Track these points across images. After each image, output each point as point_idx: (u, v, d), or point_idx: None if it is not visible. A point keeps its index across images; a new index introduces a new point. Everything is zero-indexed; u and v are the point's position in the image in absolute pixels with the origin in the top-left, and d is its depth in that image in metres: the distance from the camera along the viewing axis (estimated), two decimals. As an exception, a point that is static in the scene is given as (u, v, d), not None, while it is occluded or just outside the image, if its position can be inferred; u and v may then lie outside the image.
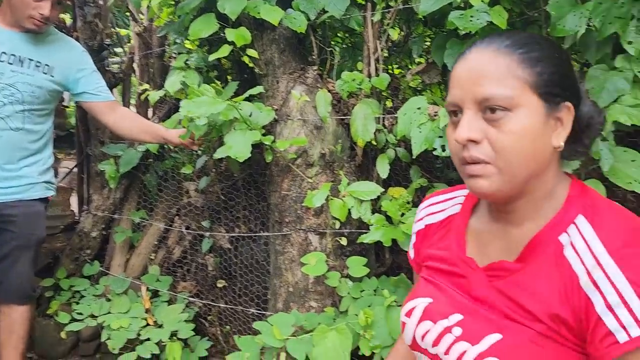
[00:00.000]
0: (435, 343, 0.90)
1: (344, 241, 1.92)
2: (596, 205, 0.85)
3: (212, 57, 1.98)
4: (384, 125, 1.99)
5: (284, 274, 2.08)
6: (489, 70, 0.81)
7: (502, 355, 0.80)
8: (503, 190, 0.82)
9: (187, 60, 2.27)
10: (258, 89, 1.89)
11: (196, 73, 2.23)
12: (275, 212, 2.11)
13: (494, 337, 0.82)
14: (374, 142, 2.00)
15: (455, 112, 0.86)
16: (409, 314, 0.98)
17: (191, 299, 2.55)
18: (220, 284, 2.56)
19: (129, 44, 3.43)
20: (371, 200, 1.89)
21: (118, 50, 3.46)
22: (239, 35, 1.95)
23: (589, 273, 0.78)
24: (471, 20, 1.62)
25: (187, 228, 2.65)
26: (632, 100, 1.52)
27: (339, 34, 2.47)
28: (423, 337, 0.92)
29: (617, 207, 0.85)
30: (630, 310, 0.73)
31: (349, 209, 1.87)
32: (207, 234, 2.50)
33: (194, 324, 2.46)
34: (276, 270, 2.12)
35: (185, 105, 1.84)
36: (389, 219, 1.87)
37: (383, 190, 1.91)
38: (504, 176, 0.81)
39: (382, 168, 1.94)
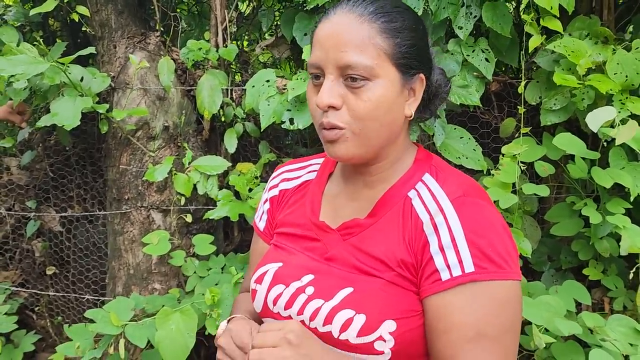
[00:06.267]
0: (289, 305, 0.90)
1: (189, 218, 1.82)
2: (440, 165, 0.93)
3: (33, 12, 1.73)
4: (231, 98, 1.92)
5: (124, 255, 1.92)
6: (352, 37, 0.82)
7: (355, 306, 0.83)
8: (358, 154, 0.86)
9: (3, 14, 1.97)
10: (89, 49, 1.69)
11: (15, 30, 1.94)
12: (113, 188, 1.93)
13: (346, 291, 0.85)
14: (222, 117, 1.92)
15: (317, 75, 0.87)
16: (259, 280, 0.97)
17: (14, 288, 2.25)
18: (50, 270, 2.29)
19: None
20: (218, 175, 1.82)
21: None
22: (68, -11, 1.73)
23: (431, 218, 0.84)
24: (318, -6, 1.62)
25: (9, 210, 2.33)
26: (461, 82, 1.64)
27: (184, 0, 2.33)
28: (275, 301, 0.92)
29: (457, 169, 0.94)
30: (457, 252, 0.80)
31: (195, 184, 1.78)
32: (33, 215, 2.22)
33: (19, 316, 2.18)
34: (115, 251, 1.95)
35: (-3, 63, 1.58)
36: (237, 194, 1.82)
37: (230, 164, 1.85)
38: (359, 141, 0.85)
39: (230, 143, 1.87)
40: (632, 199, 1.41)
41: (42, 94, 1.78)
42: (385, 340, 0.80)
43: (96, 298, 2.07)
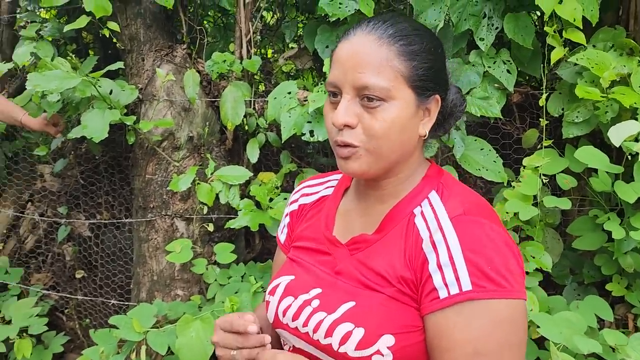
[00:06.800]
0: (296, 317, 0.92)
1: (211, 227, 1.86)
2: (447, 183, 0.93)
3: (67, 28, 1.80)
4: (254, 109, 1.95)
5: (148, 262, 1.97)
6: (370, 58, 0.84)
7: (355, 320, 0.85)
8: (370, 171, 0.88)
9: (40, 30, 2.05)
10: (118, 64, 1.75)
11: (50, 45, 2.02)
12: (139, 197, 1.99)
13: (347, 305, 0.87)
14: (245, 127, 1.96)
15: (335, 93, 0.89)
16: (272, 292, 1.00)
17: (45, 291, 2.33)
18: (79, 274, 2.37)
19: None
20: (240, 185, 1.85)
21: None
22: (99, 6, 1.78)
23: (431, 235, 0.85)
24: (340, 7, 1.64)
25: (42, 215, 2.42)
26: (482, 93, 1.64)
27: (210, 13, 2.38)
28: (285, 312, 0.95)
29: (466, 187, 0.94)
30: (455, 270, 0.80)
31: (217, 194, 1.82)
32: (64, 221, 2.30)
33: (49, 318, 2.26)
34: (140, 258, 2.00)
35: (32, 78, 1.65)
36: (258, 204, 1.85)
37: (252, 174, 1.88)
38: (372, 159, 0.87)
39: (252, 152, 1.90)
40: (656, 214, 1.39)
41: (74, 106, 1.85)
42: (383, 355, 0.81)
43: (121, 303, 2.13)
